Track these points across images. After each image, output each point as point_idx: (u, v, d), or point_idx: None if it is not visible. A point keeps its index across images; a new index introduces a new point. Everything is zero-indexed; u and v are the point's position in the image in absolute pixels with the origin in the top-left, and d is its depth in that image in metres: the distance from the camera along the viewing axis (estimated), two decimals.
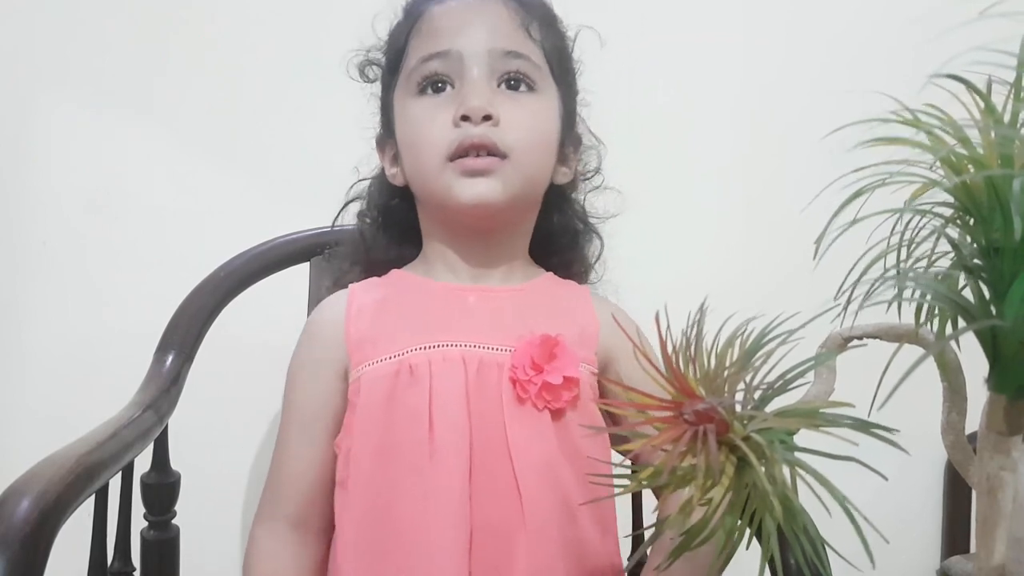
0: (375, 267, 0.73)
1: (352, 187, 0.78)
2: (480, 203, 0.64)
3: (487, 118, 0.64)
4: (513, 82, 0.67)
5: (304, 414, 0.67)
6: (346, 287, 0.71)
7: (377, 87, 0.75)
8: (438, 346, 0.63)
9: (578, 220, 0.76)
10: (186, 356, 0.78)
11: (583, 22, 0.74)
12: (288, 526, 0.65)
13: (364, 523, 0.61)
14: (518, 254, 0.71)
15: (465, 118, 0.64)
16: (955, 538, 1.12)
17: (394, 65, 0.70)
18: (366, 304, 0.67)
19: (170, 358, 0.78)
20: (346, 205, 0.78)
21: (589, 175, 0.77)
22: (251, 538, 0.66)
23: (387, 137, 0.72)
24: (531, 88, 0.67)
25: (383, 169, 0.74)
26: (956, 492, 1.12)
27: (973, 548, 0.41)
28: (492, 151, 0.64)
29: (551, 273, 0.73)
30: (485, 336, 0.64)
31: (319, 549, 0.66)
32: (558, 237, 0.75)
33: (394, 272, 0.72)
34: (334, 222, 0.79)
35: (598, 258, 0.77)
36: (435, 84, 0.66)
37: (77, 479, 0.54)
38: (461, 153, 0.64)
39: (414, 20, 0.69)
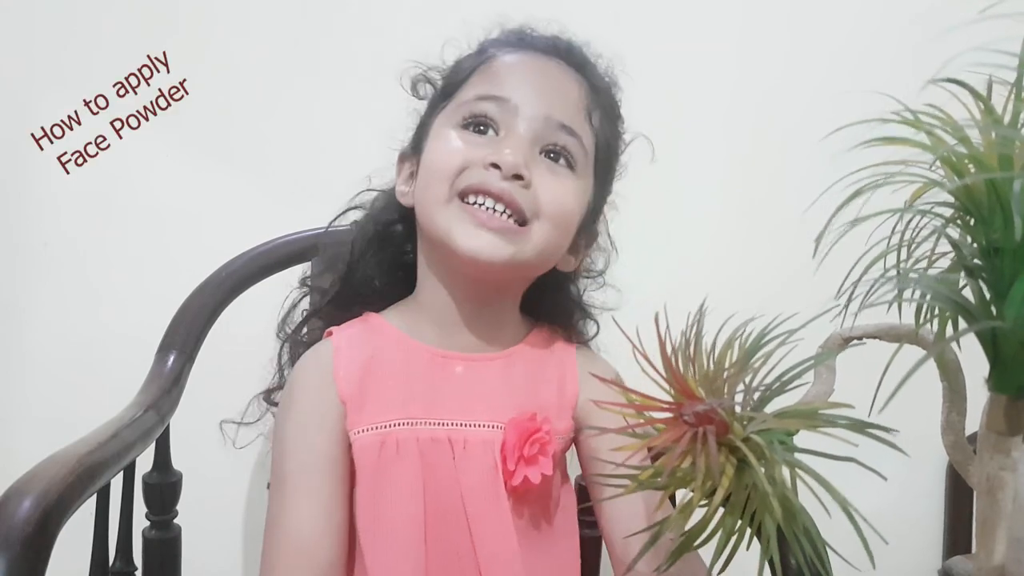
0: (355, 292, 0.71)
1: (358, 195, 0.76)
2: (476, 259, 0.61)
3: (518, 177, 0.61)
4: (554, 155, 0.64)
5: (310, 474, 0.61)
6: (316, 313, 0.72)
7: (420, 104, 0.72)
8: (425, 423, 0.63)
9: (572, 303, 0.74)
10: (187, 356, 0.79)
11: (596, 30, 0.72)
12: None
13: None
14: (509, 309, 0.69)
15: (495, 166, 0.61)
16: (957, 538, 1.12)
17: (449, 91, 0.68)
18: (352, 363, 0.64)
19: (171, 358, 0.78)
20: (346, 211, 0.75)
21: (592, 274, 0.75)
22: None
23: (412, 154, 0.70)
24: (571, 167, 0.65)
25: (395, 186, 0.71)
26: (958, 492, 1.11)
27: (975, 548, 0.41)
28: (515, 213, 0.61)
29: (538, 330, 0.71)
30: (473, 412, 0.64)
31: None
32: (552, 305, 0.73)
33: (372, 318, 0.68)
34: (330, 225, 0.76)
35: (594, 335, 0.75)
36: (479, 125, 0.64)
37: (79, 479, 0.54)
38: (473, 193, 0.61)
39: (485, 57, 0.67)
